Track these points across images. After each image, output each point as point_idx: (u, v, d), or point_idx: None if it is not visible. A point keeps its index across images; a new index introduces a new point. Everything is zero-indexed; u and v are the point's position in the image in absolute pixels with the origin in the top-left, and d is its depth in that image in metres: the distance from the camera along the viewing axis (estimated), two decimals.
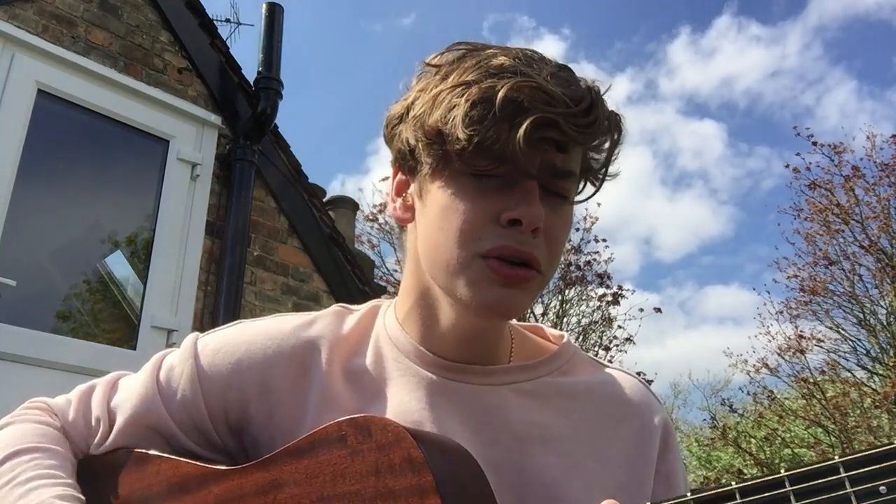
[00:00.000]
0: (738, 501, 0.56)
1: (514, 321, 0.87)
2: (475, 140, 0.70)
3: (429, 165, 0.76)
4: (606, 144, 0.78)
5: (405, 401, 0.78)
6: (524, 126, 0.69)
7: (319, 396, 0.79)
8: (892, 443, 0.53)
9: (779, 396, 12.91)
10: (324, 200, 4.96)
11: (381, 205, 12.50)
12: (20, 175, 3.27)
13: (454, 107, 0.72)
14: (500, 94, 0.70)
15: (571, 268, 12.12)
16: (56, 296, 3.56)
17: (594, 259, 12.27)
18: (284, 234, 4.21)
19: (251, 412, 0.81)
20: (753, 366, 12.89)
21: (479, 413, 0.78)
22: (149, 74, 3.85)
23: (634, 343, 11.78)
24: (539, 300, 12.19)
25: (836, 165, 12.16)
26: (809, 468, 0.54)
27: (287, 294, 4.10)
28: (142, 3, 3.94)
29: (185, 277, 3.68)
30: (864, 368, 12.06)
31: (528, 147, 0.69)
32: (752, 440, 13.35)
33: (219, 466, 0.76)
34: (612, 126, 0.77)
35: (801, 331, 12.31)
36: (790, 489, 0.54)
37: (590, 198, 0.82)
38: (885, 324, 11.86)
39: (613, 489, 0.76)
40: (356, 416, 0.67)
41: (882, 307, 11.95)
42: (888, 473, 0.52)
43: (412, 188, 0.81)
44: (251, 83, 4.20)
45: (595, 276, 12.19)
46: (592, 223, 12.34)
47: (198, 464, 0.78)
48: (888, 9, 20.33)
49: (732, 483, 0.56)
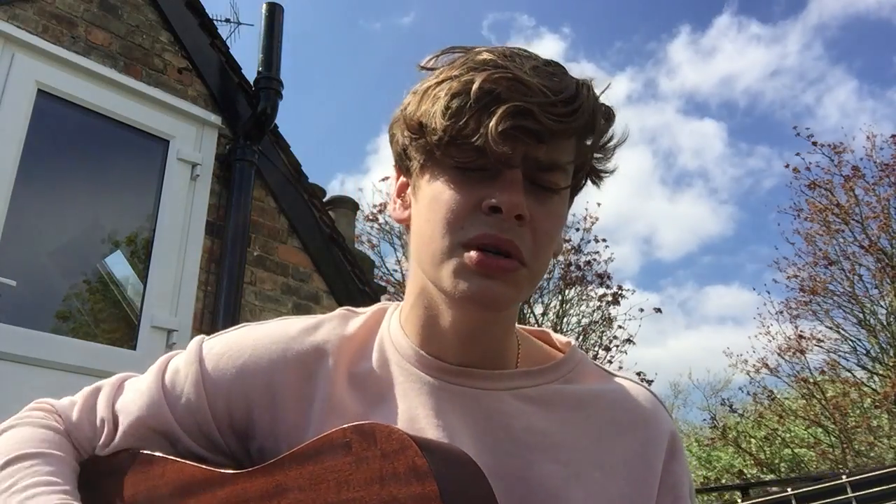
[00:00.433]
0: None
1: (521, 326, 0.87)
2: (452, 131, 0.71)
3: (417, 161, 0.77)
4: (601, 138, 0.78)
5: (408, 406, 0.78)
6: (497, 114, 0.69)
7: (324, 401, 0.79)
8: None
9: (779, 396, 12.93)
10: (324, 200, 4.95)
11: (382, 205, 12.51)
12: (20, 175, 3.27)
13: (436, 100, 0.73)
14: (475, 85, 0.70)
15: (571, 268, 12.13)
16: (56, 296, 3.55)
17: (594, 259, 12.30)
18: (284, 234, 4.21)
19: (255, 416, 0.80)
20: (753, 366, 12.93)
21: (482, 418, 0.78)
22: (149, 74, 3.85)
23: (634, 343, 11.80)
24: (539, 300, 12.19)
25: (836, 165, 12.19)
26: (817, 487, 0.53)
27: (287, 294, 4.10)
28: (142, 3, 3.94)
29: (185, 277, 3.68)
30: (864, 368, 12.08)
31: (504, 137, 0.69)
32: (752, 440, 13.36)
33: (223, 470, 0.76)
34: (603, 118, 0.76)
35: (801, 331, 12.36)
36: None
37: (584, 185, 0.81)
38: (885, 324, 11.88)
39: (616, 498, 0.75)
40: (361, 423, 0.67)
41: (882, 307, 11.97)
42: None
43: (409, 188, 0.81)
44: (251, 83, 4.20)
45: (595, 276, 12.22)
46: (592, 223, 12.37)
47: (202, 467, 0.77)
48: (888, 8, 20.36)
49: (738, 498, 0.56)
